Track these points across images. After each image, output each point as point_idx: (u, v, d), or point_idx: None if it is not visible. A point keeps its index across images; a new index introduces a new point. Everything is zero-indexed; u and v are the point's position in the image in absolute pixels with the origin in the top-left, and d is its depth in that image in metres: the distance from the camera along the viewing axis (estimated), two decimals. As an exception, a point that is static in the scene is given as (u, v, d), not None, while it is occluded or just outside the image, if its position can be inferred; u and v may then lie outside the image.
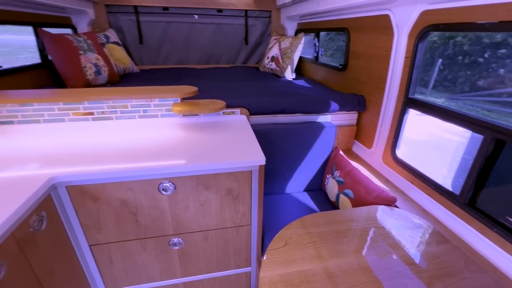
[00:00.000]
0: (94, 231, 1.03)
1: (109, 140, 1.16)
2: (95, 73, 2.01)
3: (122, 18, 2.69)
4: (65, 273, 0.94)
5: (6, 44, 3.88)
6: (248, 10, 2.92)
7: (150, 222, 1.07)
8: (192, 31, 2.91)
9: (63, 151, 1.05)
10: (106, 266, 1.12)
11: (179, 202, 1.05)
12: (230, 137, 1.21)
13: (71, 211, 0.97)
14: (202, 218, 1.11)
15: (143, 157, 1.02)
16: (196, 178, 1.02)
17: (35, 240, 0.81)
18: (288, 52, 2.46)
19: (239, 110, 1.48)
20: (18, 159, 0.98)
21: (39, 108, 1.25)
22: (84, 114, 1.30)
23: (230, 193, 1.09)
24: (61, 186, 0.92)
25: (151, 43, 2.86)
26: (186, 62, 3.03)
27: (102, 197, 0.97)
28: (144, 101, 1.33)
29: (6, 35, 4.53)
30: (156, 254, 1.15)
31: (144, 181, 0.98)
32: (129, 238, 1.08)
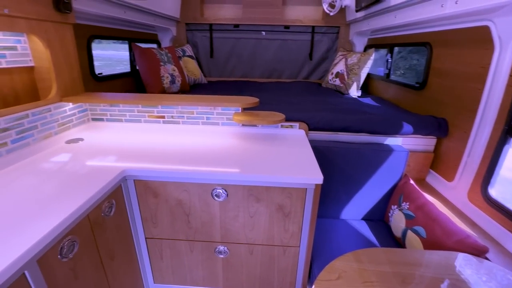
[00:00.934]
0: (151, 225, 1.10)
1: (174, 142, 1.25)
2: (170, 82, 2.25)
3: (198, 35, 2.99)
4: (123, 260, 1.02)
5: (109, 58, 4.92)
6: (316, 26, 2.91)
7: (200, 225, 1.09)
8: (258, 47, 3.03)
9: (136, 148, 1.17)
10: (157, 261, 1.18)
11: (230, 210, 1.05)
12: (287, 151, 1.17)
13: (135, 203, 1.06)
14: (249, 231, 1.08)
15: (201, 161, 1.05)
16: (249, 188, 1.00)
17: (104, 224, 0.90)
18: (355, 68, 2.33)
19: (297, 124, 1.44)
20: (102, 151, 1.13)
21: (123, 109, 1.44)
22: (157, 117, 1.45)
23: (281, 209, 1.03)
24: (130, 179, 1.01)
25: (220, 57, 3.08)
26: (250, 75, 3.16)
27: (162, 194, 1.04)
28: (208, 109, 1.41)
29: (110, 51, 5.82)
30: (202, 258, 1.16)
31: (199, 184, 1.01)
32: (179, 237, 1.12)
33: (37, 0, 1.09)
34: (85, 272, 0.81)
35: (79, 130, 1.37)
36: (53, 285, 0.69)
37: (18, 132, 1.05)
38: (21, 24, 1.04)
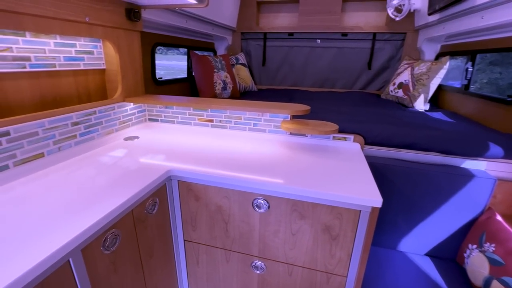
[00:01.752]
0: (190, 228, 1.09)
1: (220, 146, 1.24)
2: (222, 88, 2.31)
3: (252, 43, 3.04)
4: (161, 259, 1.02)
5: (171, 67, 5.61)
6: (377, 33, 2.69)
7: (238, 235, 1.03)
8: (311, 55, 2.94)
9: (183, 149, 1.19)
10: (192, 265, 1.16)
11: (270, 224, 0.97)
12: (338, 166, 1.05)
13: (177, 204, 1.06)
14: (290, 249, 0.98)
15: (244, 168, 1.01)
16: (293, 202, 0.91)
17: (146, 221, 0.91)
18: (424, 79, 2.05)
19: (352, 137, 1.30)
20: (153, 149, 1.18)
21: (176, 111, 1.50)
22: (206, 121, 1.47)
23: (328, 231, 0.91)
24: (175, 179, 1.02)
25: (272, 65, 3.08)
26: (300, 84, 3.08)
27: (203, 198, 1.01)
28: (256, 115, 1.37)
29: (173, 61, 6.81)
30: (237, 270, 1.10)
31: (240, 192, 0.96)
32: (217, 245, 1.08)
33: (113, 10, 1.21)
34: (124, 266, 0.82)
35: (137, 128, 1.47)
36: (93, 276, 0.70)
37: (86, 127, 1.16)
38: (98, 31, 1.16)
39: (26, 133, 0.92)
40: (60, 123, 1.04)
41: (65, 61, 1.13)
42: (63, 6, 0.98)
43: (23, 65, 0.97)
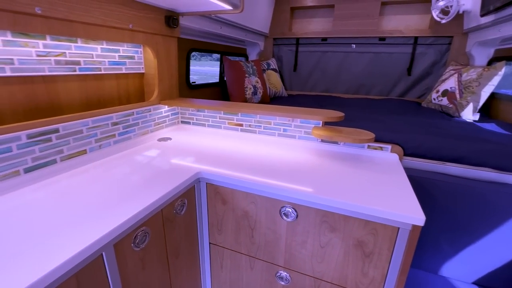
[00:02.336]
0: (216, 231, 1.09)
1: (249, 151, 1.23)
2: (252, 93, 2.32)
3: (284, 49, 3.03)
4: (186, 260, 1.03)
5: (204, 73, 6.21)
6: (419, 37, 2.51)
7: (263, 243, 1.00)
8: (345, 60, 2.84)
9: (213, 152, 1.20)
10: (216, 269, 1.16)
11: (298, 234, 0.93)
12: (373, 177, 0.97)
13: (204, 206, 1.07)
14: (318, 263, 0.93)
15: (272, 174, 0.98)
16: (323, 213, 0.86)
17: (175, 221, 0.92)
18: (473, 86, 1.86)
19: (389, 147, 1.21)
20: (184, 151, 1.21)
21: (207, 115, 1.53)
22: (235, 125, 1.47)
23: (360, 247, 0.85)
24: (203, 182, 1.03)
25: (303, 71, 3.03)
26: (332, 90, 2.98)
27: (230, 202, 1.01)
28: (286, 121, 1.34)
29: (207, 67, 7.63)
30: (261, 279, 1.07)
31: (267, 198, 0.93)
32: (241, 251, 1.06)
33: (153, 17, 1.28)
34: (152, 264, 0.83)
35: (170, 130, 1.53)
36: (123, 271, 0.72)
37: (124, 127, 1.22)
38: (140, 37, 1.23)
39: (72, 131, 0.99)
40: (102, 123, 1.11)
41: (109, 65, 1.21)
42: (110, 14, 1.06)
43: (73, 68, 1.06)
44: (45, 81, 0.97)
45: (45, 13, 0.84)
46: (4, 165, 0.80)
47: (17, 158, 0.83)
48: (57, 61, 0.99)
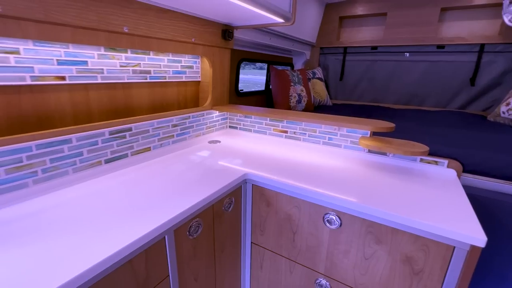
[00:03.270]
0: (258, 232, 1.14)
1: (294, 157, 1.26)
2: (296, 102, 2.36)
3: (330, 58, 3.01)
4: (229, 256, 1.10)
5: (250, 81, 6.31)
6: (487, 44, 2.28)
7: (304, 248, 1.02)
8: (396, 69, 2.70)
9: (258, 156, 1.26)
10: (256, 269, 1.20)
11: (340, 242, 0.92)
12: (426, 192, 0.93)
13: (249, 207, 1.13)
14: (361, 274, 0.91)
15: (317, 180, 1.00)
16: (368, 224, 0.85)
17: (223, 217, 1.00)
18: (555, 98, 1.62)
19: (446, 162, 1.13)
20: (232, 153, 1.30)
21: (254, 121, 1.61)
22: (280, 131, 1.52)
23: (409, 263, 0.81)
24: (249, 183, 1.09)
25: (350, 80, 2.97)
26: (381, 100, 2.85)
27: (274, 205, 1.05)
28: (332, 130, 1.34)
29: (250, 75, 7.71)
30: (300, 285, 1.08)
31: (311, 204, 0.95)
32: (282, 253, 1.09)
33: (211, 31, 1.42)
34: (201, 254, 0.92)
35: (219, 134, 1.64)
36: (179, 255, 0.81)
37: (182, 129, 1.37)
38: (199, 49, 1.38)
39: (141, 130, 1.15)
40: (164, 124, 1.26)
41: (173, 74, 1.38)
42: (178, 30, 1.21)
43: (145, 77, 1.23)
44: (123, 87, 1.15)
45: (130, 31, 1.01)
46: (92, 155, 0.97)
47: (101, 151, 1.00)
48: (134, 70, 1.17)
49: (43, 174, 0.85)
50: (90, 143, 0.96)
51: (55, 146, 0.86)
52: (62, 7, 0.80)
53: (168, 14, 1.14)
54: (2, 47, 0.78)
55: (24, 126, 0.86)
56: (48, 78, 0.89)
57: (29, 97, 0.86)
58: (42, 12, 0.76)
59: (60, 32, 0.82)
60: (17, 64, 0.81)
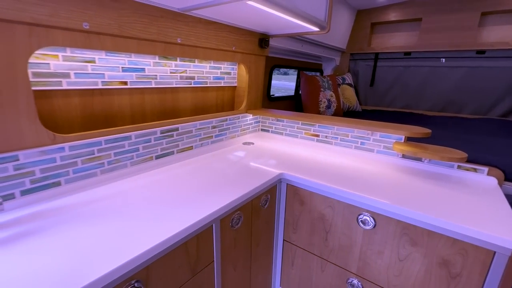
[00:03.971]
0: (290, 229, 1.19)
1: (326, 160, 1.31)
2: (326, 107, 2.38)
3: (361, 64, 3.00)
4: (264, 250, 1.16)
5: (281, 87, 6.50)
6: (534, 49, 2.15)
7: (337, 247, 1.06)
8: (431, 75, 2.62)
9: (291, 158, 1.32)
10: (287, 265, 1.25)
11: (374, 243, 0.95)
12: (465, 198, 0.93)
13: (282, 205, 1.19)
14: (394, 276, 0.93)
15: (350, 182, 1.04)
16: (403, 225, 0.87)
17: (259, 213, 1.07)
18: None
19: (486, 169, 1.10)
20: (266, 154, 1.37)
21: (286, 124, 1.68)
22: (312, 135, 1.57)
23: (445, 267, 0.82)
24: (284, 182, 1.15)
25: (381, 86, 2.93)
26: (414, 107, 2.78)
27: (307, 204, 1.10)
28: (365, 134, 1.37)
29: (283, 81, 8.00)
30: (331, 283, 1.11)
31: (346, 204, 0.99)
32: (314, 252, 1.14)
33: (250, 40, 1.51)
34: (240, 245, 0.99)
35: (252, 136, 1.73)
36: (223, 243, 0.89)
37: (220, 130, 1.47)
38: (238, 57, 1.48)
39: (186, 130, 1.26)
40: (205, 126, 1.37)
41: (213, 80, 1.49)
42: (221, 39, 1.32)
43: (190, 82, 1.35)
44: (172, 91, 1.27)
45: (182, 42, 1.13)
46: (146, 151, 1.10)
47: (153, 147, 1.13)
48: (181, 76, 1.30)
49: (108, 165, 0.99)
50: (145, 140, 1.09)
51: (119, 141, 1.00)
52: (132, 23, 0.93)
53: (213, 26, 1.26)
54: (83, 57, 0.93)
55: (95, 123, 1.01)
56: (114, 83, 1.03)
57: (99, 99, 1.00)
58: (117, 28, 0.89)
59: (129, 44, 0.96)
60: (93, 71, 0.96)
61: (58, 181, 0.86)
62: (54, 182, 0.85)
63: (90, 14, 0.82)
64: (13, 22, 0.69)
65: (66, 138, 0.85)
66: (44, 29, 0.74)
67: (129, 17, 0.92)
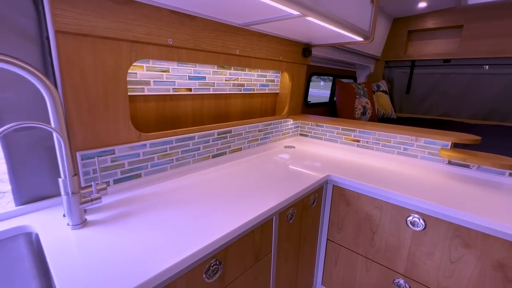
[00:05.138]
0: (335, 229, 1.25)
1: (369, 164, 1.35)
2: (361, 113, 2.41)
3: (396, 71, 2.99)
4: (308, 247, 1.23)
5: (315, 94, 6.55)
6: None
7: (383, 247, 1.10)
8: (472, 83, 2.55)
9: (334, 161, 1.39)
10: (330, 264, 1.30)
11: (424, 244, 0.98)
12: (521, 203, 0.93)
13: (327, 205, 1.25)
14: (445, 277, 0.95)
15: (397, 185, 1.08)
16: (455, 227, 0.90)
17: (307, 211, 1.14)
18: None
19: (541, 177, 1.09)
20: (309, 157, 1.44)
21: (325, 130, 1.74)
22: (352, 140, 1.62)
23: (501, 270, 0.83)
24: (330, 184, 1.22)
25: (417, 93, 2.89)
26: (453, 115, 2.71)
27: (354, 204, 1.16)
28: (408, 140, 1.39)
29: (315, 89, 8.08)
30: (376, 283, 1.15)
31: (394, 205, 1.04)
32: (358, 251, 1.18)
33: (295, 50, 1.62)
34: (292, 239, 1.07)
35: (291, 140, 1.82)
36: (280, 235, 0.98)
37: (264, 134, 1.57)
38: (283, 66, 1.58)
39: (237, 133, 1.38)
40: (253, 129, 1.48)
41: (259, 87, 1.61)
42: (271, 50, 1.44)
43: (240, 89, 1.48)
44: (225, 97, 1.40)
45: (240, 53, 1.26)
46: (205, 150, 1.23)
47: (210, 147, 1.25)
48: (233, 84, 1.42)
49: (176, 162, 1.12)
50: (205, 141, 1.22)
51: (185, 141, 1.13)
52: (203, 37, 1.07)
53: (265, 38, 1.37)
54: (160, 67, 1.08)
55: (164, 125, 1.15)
56: (182, 89, 1.18)
57: (169, 104, 1.15)
58: (192, 42, 1.04)
59: (199, 56, 1.09)
60: (167, 80, 1.11)
61: (139, 173, 1.01)
62: (136, 174, 1.00)
63: (173, 31, 0.96)
64: (121, 40, 0.84)
65: (148, 136, 1.00)
66: (140, 45, 0.89)
67: (201, 32, 1.06)
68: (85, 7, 0.74)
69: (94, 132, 0.85)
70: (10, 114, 0.71)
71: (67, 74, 0.76)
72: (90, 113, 0.83)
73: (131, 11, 0.83)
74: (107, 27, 0.79)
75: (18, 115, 0.72)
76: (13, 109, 0.71)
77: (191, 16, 1.01)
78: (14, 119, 0.72)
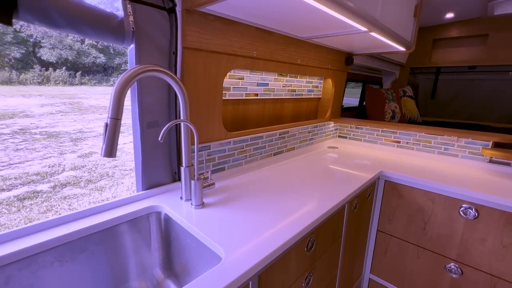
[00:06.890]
0: (385, 220, 1.38)
1: (413, 162, 1.48)
2: (390, 118, 2.54)
3: (421, 77, 3.11)
4: (362, 236, 1.36)
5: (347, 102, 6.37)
6: None
7: (435, 235, 1.22)
8: (498, 88, 2.66)
9: (381, 159, 1.52)
10: (379, 254, 1.43)
11: (476, 231, 1.11)
12: None
13: (378, 199, 1.38)
14: (498, 261, 1.07)
15: (446, 179, 1.21)
16: (507, 215, 1.03)
17: (365, 203, 1.28)
18: None
19: None
20: (355, 157, 1.58)
21: (365, 131, 1.88)
22: (392, 141, 1.75)
23: (552, 251, 0.95)
24: (382, 179, 1.36)
25: (443, 98, 3.00)
26: (478, 118, 2.81)
27: (406, 198, 1.29)
28: (449, 141, 1.52)
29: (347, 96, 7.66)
30: (428, 269, 1.27)
31: (446, 197, 1.17)
32: (410, 240, 1.31)
33: (339, 59, 1.77)
34: (352, 229, 1.20)
35: (332, 141, 1.96)
36: (348, 222, 1.11)
37: (312, 135, 1.72)
38: (329, 73, 1.74)
39: (292, 133, 1.53)
40: (303, 130, 1.63)
41: (307, 92, 1.76)
42: (322, 59, 1.60)
43: (292, 94, 1.64)
44: (281, 102, 1.56)
45: (300, 63, 1.42)
46: (269, 148, 1.38)
47: (273, 146, 1.41)
48: (288, 89, 1.58)
49: (248, 158, 1.28)
50: (269, 140, 1.38)
51: (256, 140, 1.29)
52: (276, 50, 1.24)
53: (318, 48, 1.54)
54: (238, 75, 1.24)
55: (237, 125, 1.31)
56: (251, 95, 1.34)
57: (241, 107, 1.31)
58: (269, 54, 1.20)
59: (271, 65, 1.26)
60: (242, 86, 1.28)
61: (224, 167, 1.17)
62: (221, 167, 1.16)
63: (257, 45, 1.13)
64: (222, 53, 1.01)
65: (232, 135, 1.16)
66: (234, 57, 1.06)
67: (275, 46, 1.22)
68: (205, 27, 0.91)
69: (199, 130, 1.02)
70: (148, 114, 0.88)
71: (187, 81, 0.93)
72: (198, 114, 0.99)
73: (233, 29, 1.01)
74: (216, 43, 0.96)
75: (154, 115, 0.89)
76: (151, 110, 0.88)
77: (270, 31, 1.17)
78: (150, 118, 0.89)
